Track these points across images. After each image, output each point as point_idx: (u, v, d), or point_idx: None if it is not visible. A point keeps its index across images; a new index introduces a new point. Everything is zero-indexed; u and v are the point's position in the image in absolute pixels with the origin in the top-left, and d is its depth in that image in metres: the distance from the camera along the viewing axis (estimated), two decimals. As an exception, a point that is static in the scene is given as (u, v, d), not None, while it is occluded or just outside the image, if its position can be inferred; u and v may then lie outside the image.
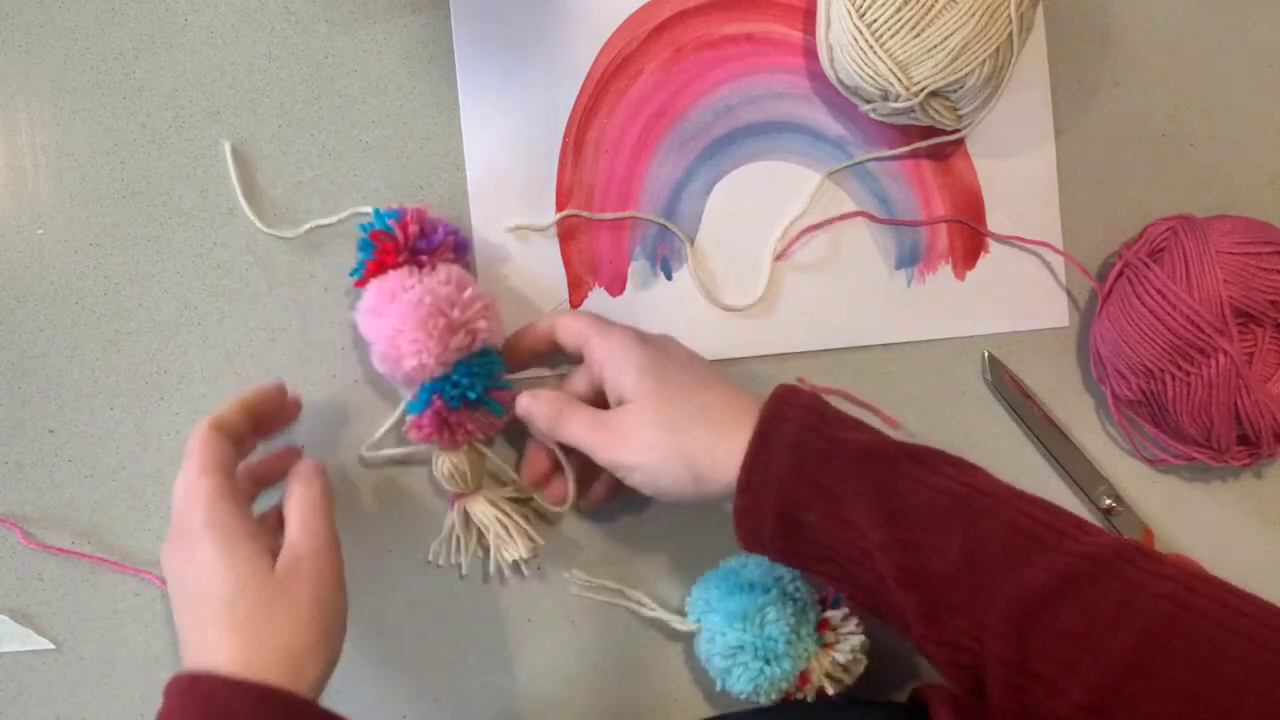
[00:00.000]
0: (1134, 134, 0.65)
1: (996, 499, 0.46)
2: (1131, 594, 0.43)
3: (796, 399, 0.50)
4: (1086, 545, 0.44)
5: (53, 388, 0.60)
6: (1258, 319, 0.58)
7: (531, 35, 0.62)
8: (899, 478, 0.46)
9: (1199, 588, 0.43)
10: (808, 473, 0.47)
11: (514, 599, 0.62)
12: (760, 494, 0.48)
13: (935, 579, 0.45)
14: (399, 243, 0.55)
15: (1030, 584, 0.43)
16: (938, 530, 0.45)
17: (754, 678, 0.56)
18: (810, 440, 0.48)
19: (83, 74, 0.61)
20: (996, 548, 0.44)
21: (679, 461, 0.50)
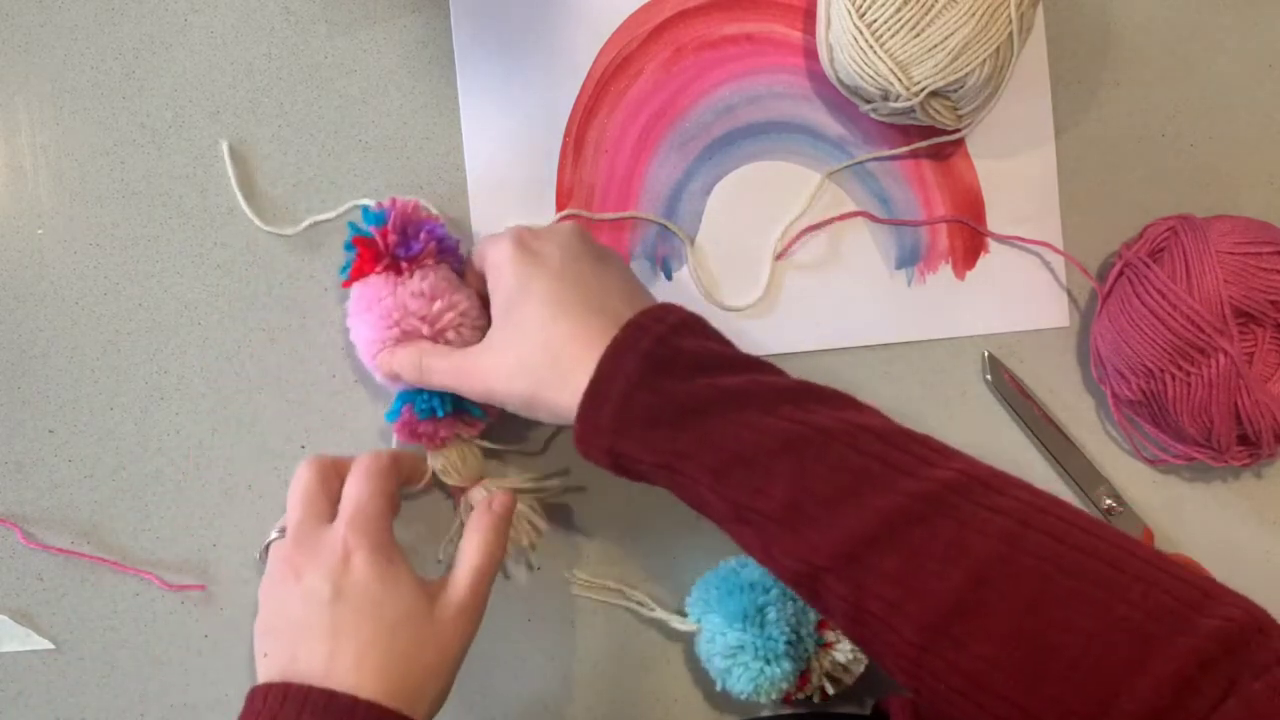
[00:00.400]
0: (1134, 134, 0.65)
1: (830, 437, 0.44)
2: (961, 533, 0.41)
3: (637, 342, 0.47)
4: (922, 482, 0.43)
5: (53, 388, 0.60)
6: (1258, 319, 0.58)
7: (531, 35, 0.62)
8: (727, 425, 0.45)
9: (1034, 521, 0.42)
10: (633, 430, 0.46)
11: (514, 599, 0.62)
12: (592, 444, 0.47)
13: (764, 519, 0.44)
14: (378, 250, 0.55)
15: (852, 528, 0.42)
16: (764, 473, 0.44)
17: (754, 678, 0.56)
18: (641, 397, 0.46)
19: (83, 74, 0.61)
20: (822, 488, 0.43)
21: (532, 405, 0.49)
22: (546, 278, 0.50)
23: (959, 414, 0.64)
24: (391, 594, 0.48)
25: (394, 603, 0.48)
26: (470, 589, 0.51)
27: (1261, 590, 0.64)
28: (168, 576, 0.60)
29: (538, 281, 0.50)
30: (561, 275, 0.50)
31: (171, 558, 0.60)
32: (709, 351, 0.48)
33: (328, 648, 0.47)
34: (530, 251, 0.52)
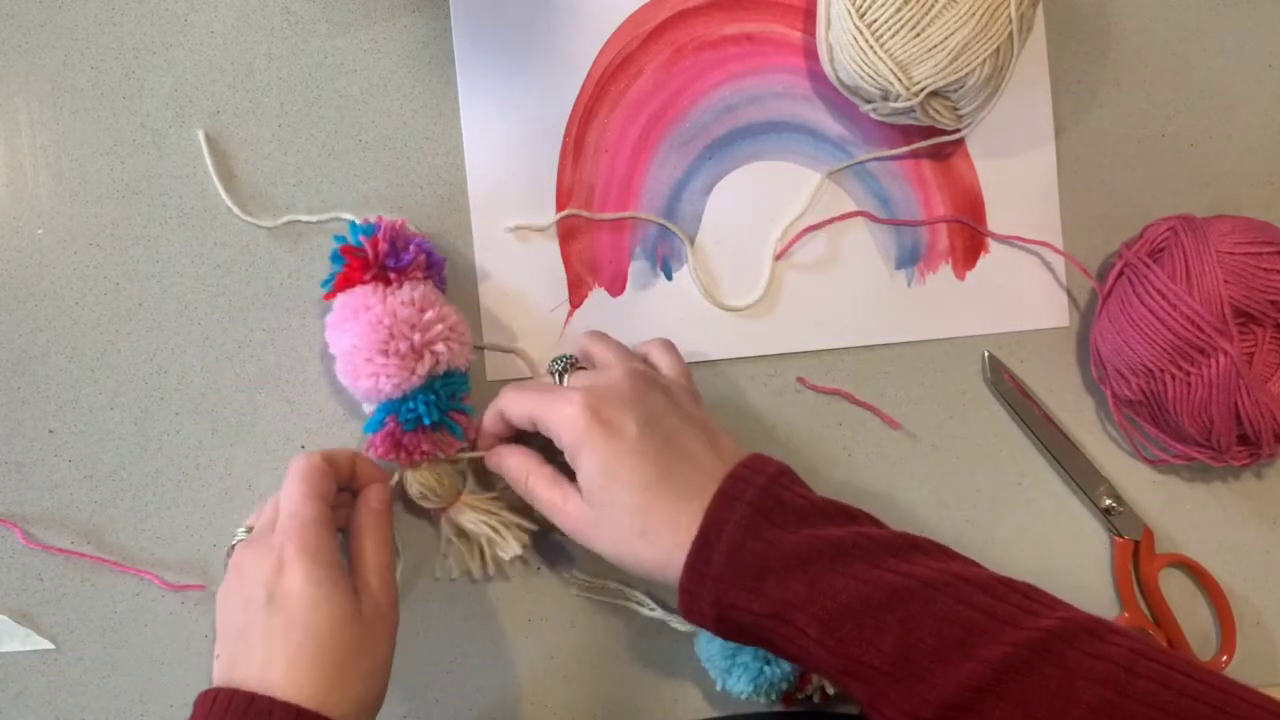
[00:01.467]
0: (1134, 134, 0.65)
1: (935, 589, 0.45)
2: (1069, 682, 0.42)
3: (742, 493, 0.49)
4: (1026, 631, 0.44)
5: (53, 388, 0.60)
6: (1258, 319, 0.58)
7: (531, 35, 0.62)
8: (835, 576, 0.46)
9: (1141, 669, 0.43)
10: (744, 577, 0.47)
11: (514, 599, 0.62)
12: (698, 596, 0.48)
13: (873, 673, 0.45)
14: (368, 259, 0.55)
15: (963, 679, 0.43)
16: (873, 628, 0.45)
17: (754, 678, 0.56)
18: (749, 545, 0.47)
19: (83, 74, 0.61)
20: (931, 642, 0.44)
21: (638, 568, 0.51)
22: (629, 456, 0.50)
23: (959, 414, 0.64)
24: (324, 600, 0.48)
25: (326, 609, 0.48)
26: (380, 587, 0.51)
27: (1262, 590, 0.64)
28: (168, 576, 0.60)
29: (621, 461, 0.50)
30: (642, 453, 0.50)
31: (171, 558, 0.60)
32: (810, 501, 0.49)
33: (262, 654, 0.48)
34: (606, 426, 0.50)
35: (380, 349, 0.54)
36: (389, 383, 0.54)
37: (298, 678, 0.47)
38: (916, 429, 0.63)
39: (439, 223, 0.61)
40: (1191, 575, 0.64)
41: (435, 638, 0.61)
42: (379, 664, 0.50)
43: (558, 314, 0.62)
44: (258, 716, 0.46)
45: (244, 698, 0.46)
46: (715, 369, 0.63)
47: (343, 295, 0.56)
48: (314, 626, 0.47)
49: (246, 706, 0.46)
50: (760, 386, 0.63)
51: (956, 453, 0.63)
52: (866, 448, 0.63)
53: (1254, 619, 0.64)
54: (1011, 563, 0.63)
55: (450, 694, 0.61)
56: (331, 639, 0.47)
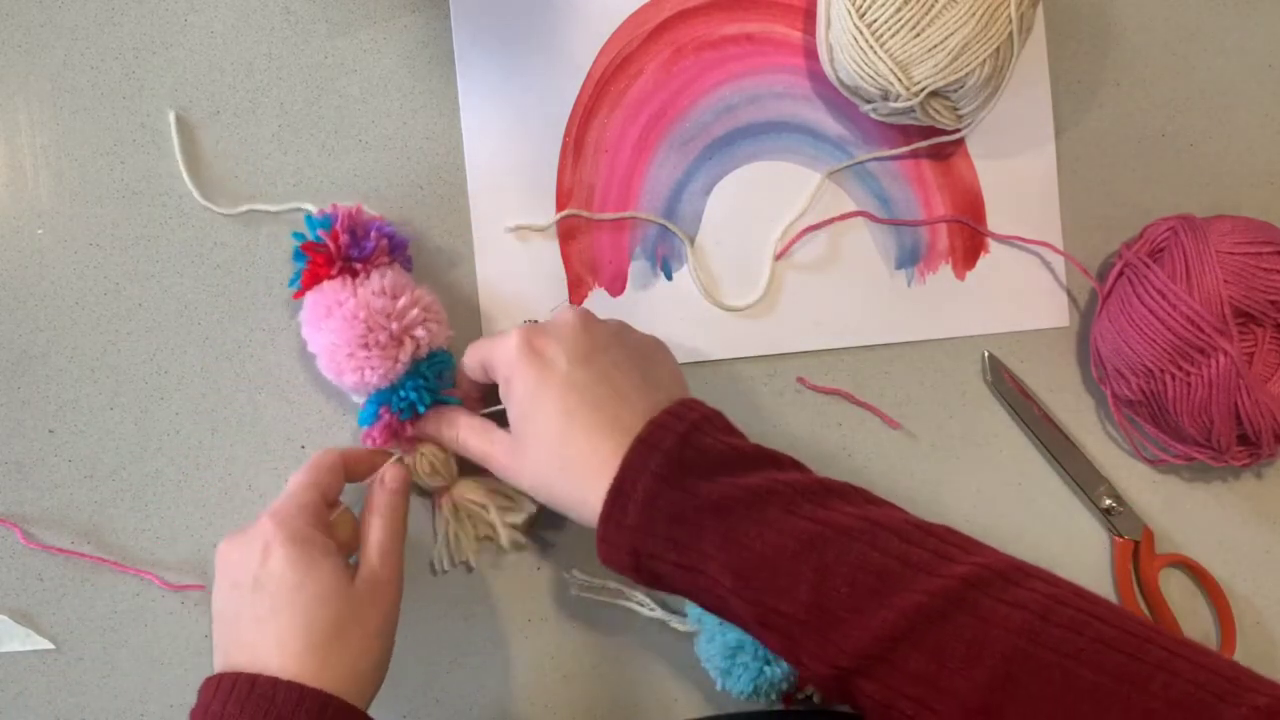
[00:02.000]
0: (1134, 134, 0.65)
1: (850, 537, 0.45)
2: (982, 629, 0.42)
3: (661, 440, 0.48)
4: (941, 579, 0.43)
5: (53, 388, 0.60)
6: (1258, 319, 0.58)
7: (531, 35, 0.62)
8: (749, 525, 0.46)
9: (1056, 616, 0.42)
10: (659, 526, 0.47)
11: (514, 599, 0.62)
12: (615, 545, 0.48)
13: (789, 622, 0.45)
14: (330, 253, 0.55)
15: (876, 628, 0.43)
16: (788, 575, 0.44)
17: (754, 678, 0.56)
18: (664, 493, 0.47)
19: (83, 74, 0.61)
20: (845, 590, 0.44)
21: (555, 502, 0.51)
22: (556, 387, 0.50)
23: (959, 414, 0.64)
24: (308, 579, 0.49)
25: (311, 587, 0.49)
26: (380, 562, 0.52)
27: (1262, 590, 0.64)
28: (168, 576, 0.60)
29: (547, 392, 0.50)
30: (570, 384, 0.50)
31: (171, 558, 0.60)
32: (730, 448, 0.48)
33: (252, 637, 0.49)
34: (537, 356, 0.51)
35: (360, 343, 0.54)
36: (375, 374, 0.54)
37: (289, 656, 0.47)
38: (916, 429, 0.63)
39: (439, 223, 0.61)
40: (1191, 575, 0.64)
41: (435, 638, 0.61)
42: (372, 634, 0.50)
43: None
44: (260, 698, 0.47)
45: (246, 680, 0.47)
46: (715, 369, 0.63)
47: (312, 293, 0.55)
48: (299, 604, 0.48)
49: (249, 689, 0.47)
50: (760, 386, 0.63)
51: (956, 453, 0.63)
52: (866, 448, 0.63)
53: (1254, 619, 0.64)
54: (1011, 563, 0.63)
55: (450, 694, 0.61)
56: (318, 614, 0.48)
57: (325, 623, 0.48)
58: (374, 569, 0.52)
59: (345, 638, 0.49)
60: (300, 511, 0.51)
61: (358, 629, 0.49)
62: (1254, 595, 0.64)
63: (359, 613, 0.50)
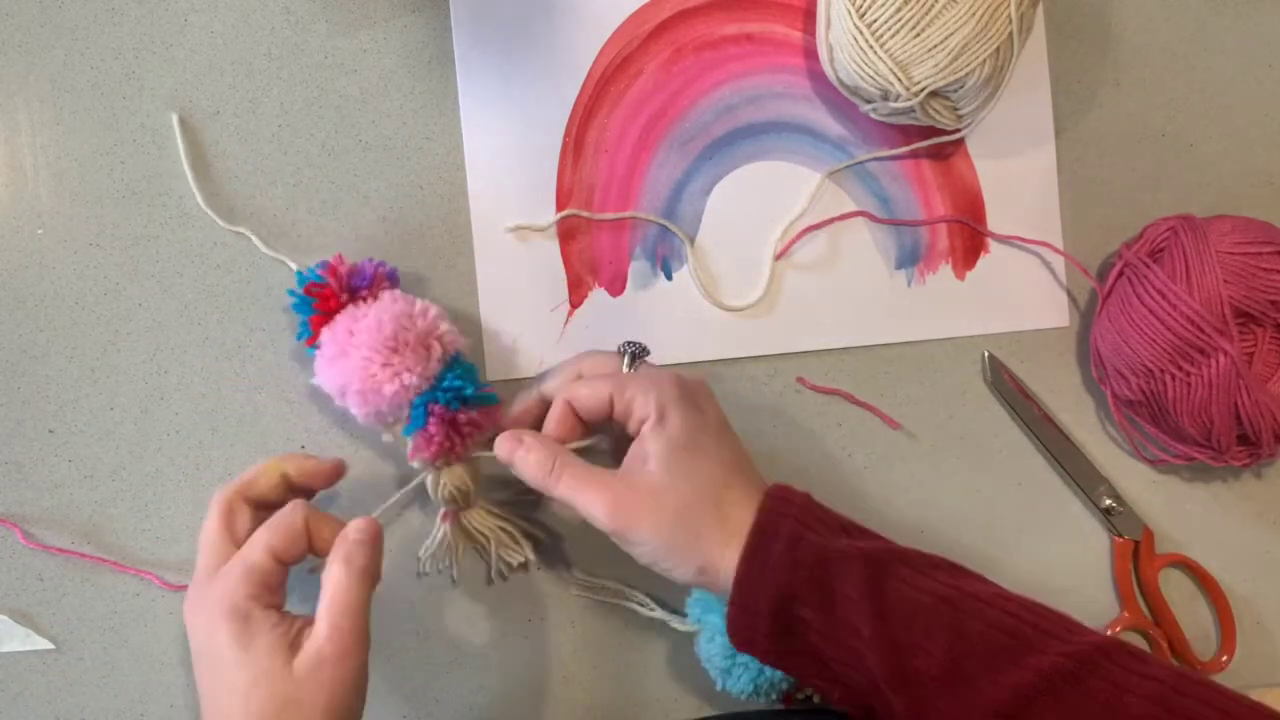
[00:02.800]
0: (1134, 134, 0.65)
1: (982, 601, 0.46)
2: (1116, 694, 0.43)
3: (792, 498, 0.50)
4: (1073, 645, 0.44)
5: (53, 388, 0.60)
6: (1258, 319, 0.58)
7: (531, 35, 0.62)
8: (888, 578, 0.47)
9: (1185, 689, 0.43)
10: (803, 567, 0.47)
11: (514, 599, 0.62)
12: (758, 587, 0.48)
13: (922, 679, 0.45)
14: (334, 287, 0.55)
15: (1014, 685, 0.43)
16: (924, 631, 0.45)
17: (754, 678, 0.56)
18: (806, 537, 0.48)
19: (83, 74, 0.61)
20: (981, 649, 0.45)
21: (690, 559, 0.49)
22: (717, 436, 0.52)
23: (959, 414, 0.64)
24: (245, 658, 0.46)
25: (248, 667, 0.46)
26: (329, 634, 0.47)
27: (1262, 590, 0.64)
28: (168, 576, 0.60)
29: (710, 439, 0.51)
30: (723, 439, 0.52)
31: (171, 558, 0.60)
32: (845, 518, 0.51)
33: (208, 707, 0.48)
34: (696, 406, 0.52)
35: (390, 347, 0.54)
36: (412, 375, 0.54)
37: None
38: (916, 429, 0.63)
39: (439, 223, 0.61)
40: (1191, 575, 0.64)
41: (435, 638, 0.61)
42: (318, 713, 0.46)
43: (558, 314, 0.62)
44: None
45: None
46: (715, 369, 0.63)
47: (326, 330, 0.55)
48: (236, 685, 0.46)
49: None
50: (760, 386, 0.63)
51: (956, 453, 0.63)
52: (866, 448, 0.63)
53: (1254, 619, 0.64)
54: (1011, 562, 0.63)
55: (450, 694, 0.61)
56: (253, 697, 0.46)
57: (260, 705, 0.46)
58: (320, 644, 0.47)
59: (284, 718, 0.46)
60: (245, 578, 0.48)
61: (296, 711, 0.46)
62: (1254, 595, 0.64)
63: (299, 694, 0.46)
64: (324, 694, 0.47)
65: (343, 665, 0.47)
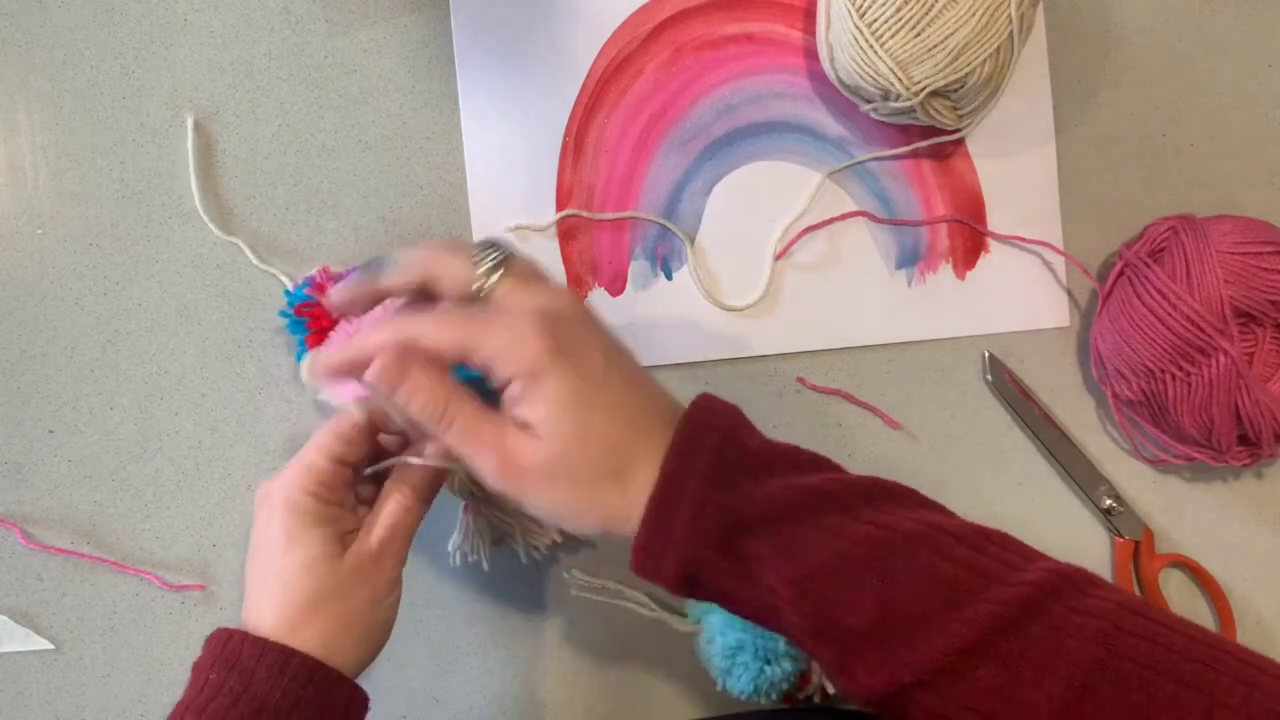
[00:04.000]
0: (1134, 134, 0.65)
1: (914, 542, 0.42)
2: (1057, 640, 0.41)
3: (704, 439, 0.44)
4: (1012, 588, 0.42)
5: (53, 388, 0.60)
6: (1258, 319, 0.58)
7: (531, 35, 0.62)
8: (809, 531, 0.43)
9: (1128, 624, 0.41)
10: (709, 538, 0.43)
11: (514, 599, 0.62)
12: (660, 562, 0.44)
13: (849, 634, 0.42)
14: (325, 305, 0.56)
15: (947, 641, 0.41)
16: (852, 584, 0.42)
17: (754, 678, 0.56)
18: (714, 499, 0.43)
19: (83, 74, 0.61)
20: (913, 601, 0.41)
21: (589, 521, 0.45)
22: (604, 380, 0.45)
23: (959, 414, 0.64)
24: (294, 546, 0.48)
25: (296, 554, 0.48)
26: (378, 541, 0.49)
27: (1262, 590, 0.64)
28: (168, 576, 0.60)
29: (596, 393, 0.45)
30: (611, 382, 0.46)
31: (171, 558, 0.60)
32: (772, 446, 0.46)
33: (253, 591, 0.49)
34: (570, 356, 0.45)
35: None
36: None
37: (267, 615, 0.47)
38: (916, 429, 0.63)
39: (439, 223, 0.61)
40: (1191, 575, 0.64)
41: (435, 638, 0.61)
42: (354, 610, 0.48)
43: (558, 314, 0.62)
44: (230, 653, 0.47)
45: (224, 634, 0.47)
46: (715, 369, 0.63)
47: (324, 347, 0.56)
48: (282, 570, 0.48)
49: (224, 643, 0.47)
50: (760, 386, 0.63)
51: (956, 453, 0.63)
52: (866, 448, 0.63)
53: (1254, 619, 0.64)
54: (1011, 563, 0.63)
55: (450, 694, 0.61)
56: (298, 582, 0.48)
57: (304, 591, 0.47)
58: (369, 547, 0.49)
59: (322, 609, 0.47)
60: (304, 475, 0.49)
61: (337, 603, 0.48)
62: (1254, 595, 0.64)
63: (342, 587, 0.48)
64: (365, 592, 0.48)
65: (384, 569, 0.49)
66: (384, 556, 0.49)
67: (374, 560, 0.49)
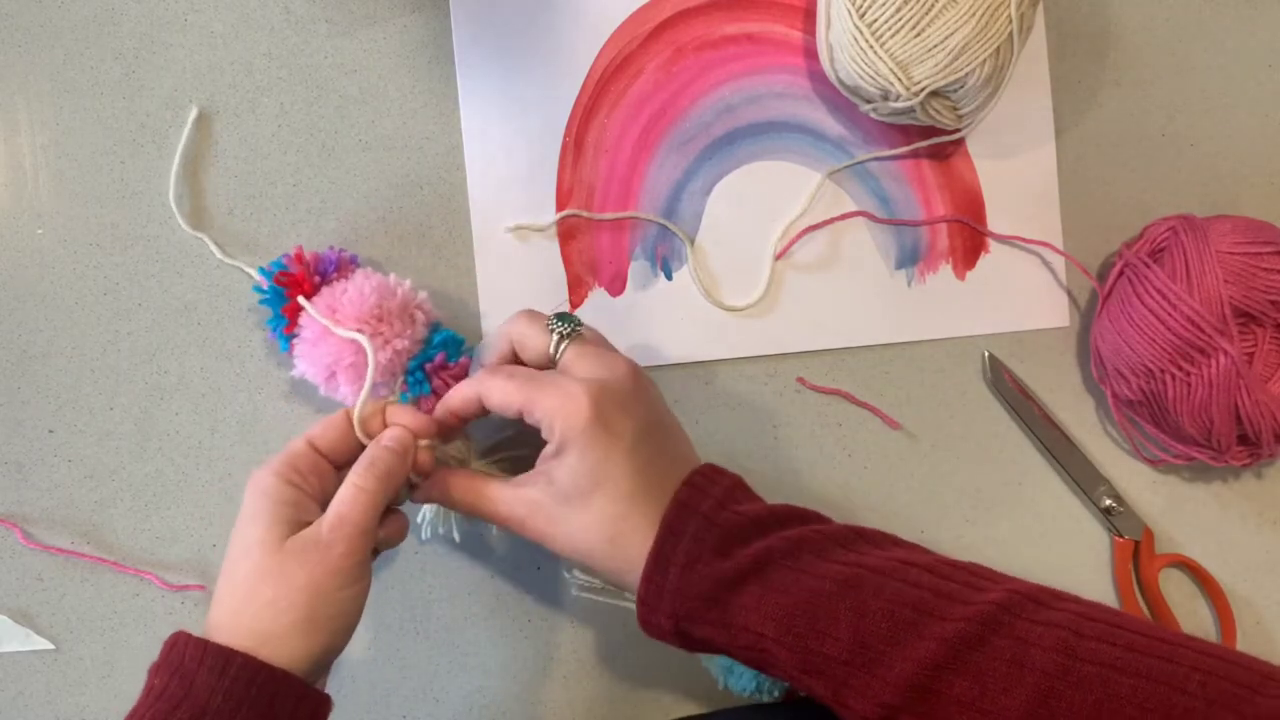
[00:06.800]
0: (1134, 134, 0.65)
1: (883, 575, 0.46)
2: (1020, 650, 0.43)
3: (698, 505, 0.49)
4: (974, 606, 0.44)
5: (53, 388, 0.60)
6: (1258, 319, 0.58)
7: (531, 35, 0.62)
8: (785, 573, 0.46)
9: (1088, 630, 0.44)
10: (696, 597, 0.47)
11: (514, 599, 0.62)
12: (655, 609, 0.48)
13: (832, 664, 0.45)
14: (303, 274, 0.56)
15: (919, 658, 0.44)
16: (828, 618, 0.45)
17: (755, 675, 0.56)
18: (703, 559, 0.47)
19: (83, 74, 0.61)
20: (884, 625, 0.45)
21: (597, 569, 0.50)
22: (621, 464, 0.49)
23: (959, 414, 0.64)
24: (247, 528, 0.48)
25: (248, 535, 0.48)
26: (330, 522, 0.48)
27: (1262, 590, 0.64)
28: (168, 576, 0.60)
29: (613, 468, 0.49)
30: (633, 463, 0.49)
31: (171, 558, 0.60)
32: (764, 510, 0.49)
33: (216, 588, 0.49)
34: (607, 429, 0.49)
35: (376, 315, 0.54)
36: (404, 340, 0.55)
37: (217, 608, 0.48)
38: (916, 429, 0.63)
39: (439, 223, 0.62)
40: (1191, 575, 0.64)
41: (435, 637, 0.61)
42: (289, 596, 0.46)
43: (558, 314, 0.62)
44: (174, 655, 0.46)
45: (173, 638, 0.47)
46: (715, 369, 0.63)
47: (304, 317, 0.55)
48: (234, 550, 0.48)
49: (171, 647, 0.47)
50: (760, 386, 0.63)
51: (956, 453, 0.63)
52: (866, 448, 0.63)
53: (1254, 619, 0.64)
54: (1011, 563, 0.63)
55: (450, 694, 0.61)
56: (239, 565, 0.47)
57: (242, 574, 0.47)
58: (317, 532, 0.48)
59: (255, 594, 0.47)
60: (280, 459, 0.50)
61: (271, 587, 0.46)
62: (1254, 595, 0.64)
63: (277, 570, 0.47)
64: (303, 573, 0.47)
65: (332, 549, 0.48)
66: (332, 544, 0.48)
67: (320, 547, 0.47)
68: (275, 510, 0.48)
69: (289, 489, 0.49)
